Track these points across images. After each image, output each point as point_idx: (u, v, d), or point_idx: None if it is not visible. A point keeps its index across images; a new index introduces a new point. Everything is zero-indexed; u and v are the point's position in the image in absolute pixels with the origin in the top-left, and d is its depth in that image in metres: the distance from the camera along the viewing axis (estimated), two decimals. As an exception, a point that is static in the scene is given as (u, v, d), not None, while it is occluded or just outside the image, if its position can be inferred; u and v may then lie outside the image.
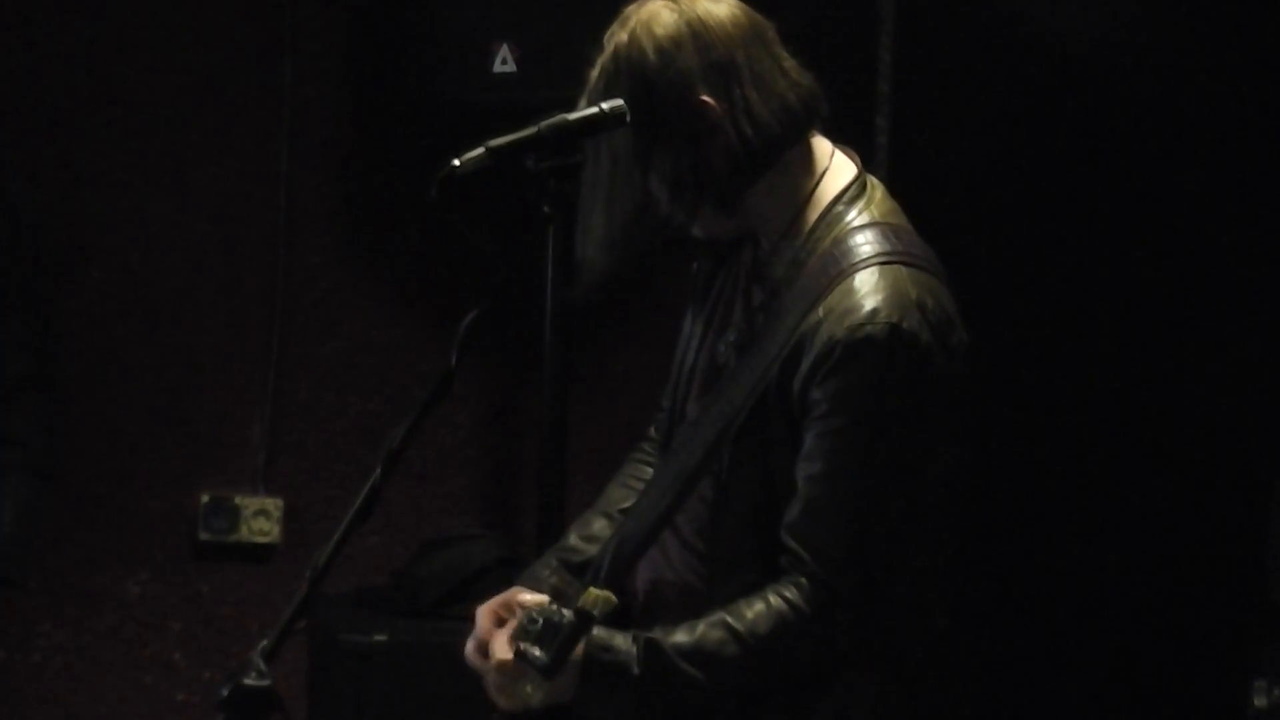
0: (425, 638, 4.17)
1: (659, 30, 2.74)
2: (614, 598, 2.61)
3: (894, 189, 2.88)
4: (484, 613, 2.83)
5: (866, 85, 4.47)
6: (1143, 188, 4.51)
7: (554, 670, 2.60)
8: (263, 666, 2.48)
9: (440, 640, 2.88)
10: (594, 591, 2.60)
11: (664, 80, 2.72)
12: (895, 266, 2.71)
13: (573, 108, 2.77)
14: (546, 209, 2.73)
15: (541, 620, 2.62)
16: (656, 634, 2.70)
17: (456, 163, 2.68)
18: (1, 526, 4.05)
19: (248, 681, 2.47)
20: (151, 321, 4.68)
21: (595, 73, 2.78)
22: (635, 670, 2.67)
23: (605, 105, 2.73)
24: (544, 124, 2.72)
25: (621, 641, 2.69)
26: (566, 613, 2.61)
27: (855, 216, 2.77)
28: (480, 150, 2.69)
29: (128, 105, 4.65)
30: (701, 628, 2.70)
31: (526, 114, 2.75)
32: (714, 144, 2.74)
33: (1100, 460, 4.52)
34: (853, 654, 2.72)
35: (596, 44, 2.81)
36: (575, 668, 2.66)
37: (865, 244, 2.74)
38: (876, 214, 2.79)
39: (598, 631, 2.67)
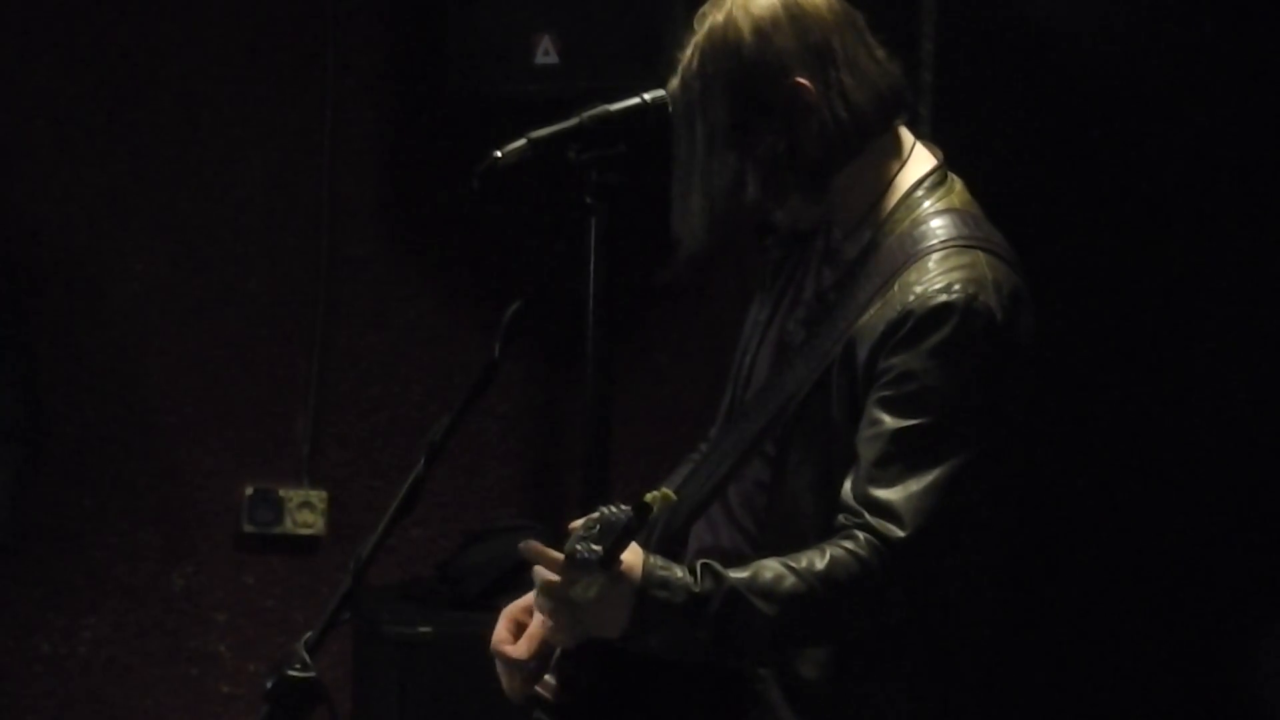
0: (470, 629, 4.13)
1: (756, 11, 2.73)
2: (673, 495, 2.52)
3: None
4: (504, 616, 2.83)
5: (910, 76, 4.44)
6: (1186, 181, 4.49)
7: (609, 561, 2.48)
8: (307, 658, 2.49)
9: (485, 632, 2.89)
10: (657, 491, 2.49)
11: (760, 61, 2.71)
12: (973, 250, 2.70)
13: (615, 99, 2.77)
14: (588, 200, 2.72)
15: (599, 524, 2.52)
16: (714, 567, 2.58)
17: (498, 154, 2.69)
18: None
19: (292, 673, 2.48)
20: (196, 314, 4.69)
21: (689, 52, 2.75)
22: (712, 604, 2.53)
23: (647, 95, 2.73)
24: (586, 115, 2.72)
25: (679, 571, 2.56)
26: (625, 508, 2.50)
27: (934, 203, 2.76)
28: (522, 142, 2.70)
29: (170, 99, 4.66)
30: (753, 567, 2.58)
31: (568, 105, 2.75)
32: (808, 126, 2.72)
33: (1117, 455, 4.49)
34: (903, 615, 2.64)
35: (668, 31, 2.79)
36: (630, 593, 2.52)
37: (942, 228, 2.72)
38: (956, 202, 2.78)
39: (655, 561, 2.55)
